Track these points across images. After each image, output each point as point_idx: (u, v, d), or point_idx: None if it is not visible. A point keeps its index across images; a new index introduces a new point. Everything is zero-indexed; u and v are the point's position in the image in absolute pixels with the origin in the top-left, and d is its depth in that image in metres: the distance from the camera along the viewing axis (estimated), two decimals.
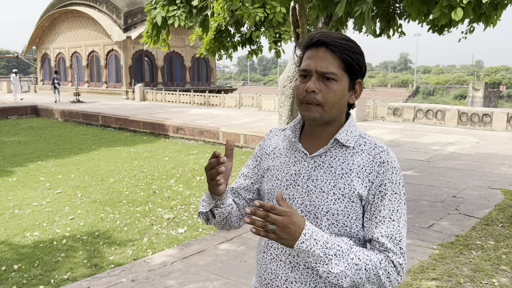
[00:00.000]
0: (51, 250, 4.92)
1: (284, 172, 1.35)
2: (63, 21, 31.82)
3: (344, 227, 1.26)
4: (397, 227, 1.25)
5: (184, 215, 6.09)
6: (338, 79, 1.24)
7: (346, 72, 1.25)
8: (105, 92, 29.03)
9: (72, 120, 18.09)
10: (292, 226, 1.13)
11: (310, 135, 1.35)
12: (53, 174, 8.70)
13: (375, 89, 70.57)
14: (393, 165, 1.27)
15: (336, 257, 1.17)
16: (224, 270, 3.99)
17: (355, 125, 1.34)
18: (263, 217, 1.12)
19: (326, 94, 1.24)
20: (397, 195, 1.26)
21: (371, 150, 1.28)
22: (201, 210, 1.40)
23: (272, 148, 1.43)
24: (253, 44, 7.57)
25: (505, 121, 13.25)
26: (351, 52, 1.24)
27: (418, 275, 3.82)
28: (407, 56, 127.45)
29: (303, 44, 1.31)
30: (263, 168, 1.43)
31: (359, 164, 1.26)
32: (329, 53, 1.24)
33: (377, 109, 16.15)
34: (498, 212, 5.58)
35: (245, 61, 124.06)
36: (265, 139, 1.49)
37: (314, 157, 1.30)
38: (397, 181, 1.26)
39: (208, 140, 12.69)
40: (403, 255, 1.24)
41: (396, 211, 1.26)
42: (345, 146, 1.29)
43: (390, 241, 1.23)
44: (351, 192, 1.25)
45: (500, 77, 71.56)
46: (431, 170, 8.05)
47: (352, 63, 1.24)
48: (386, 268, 1.20)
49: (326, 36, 1.25)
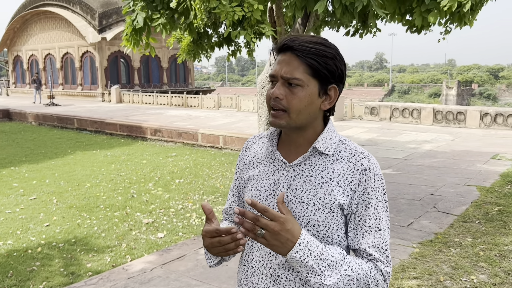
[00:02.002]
0: (26, 259, 4.76)
1: (263, 182, 1.31)
2: (36, 22, 31.11)
3: (325, 238, 1.23)
4: (383, 236, 1.23)
5: (164, 219, 6.00)
6: (303, 84, 1.19)
7: (314, 77, 1.20)
8: (80, 94, 28.49)
9: (46, 124, 17.67)
10: (284, 233, 1.08)
11: (287, 142, 1.31)
12: (27, 179, 8.46)
13: (352, 89, 71.42)
14: (375, 172, 1.24)
15: (330, 268, 1.13)
16: (206, 276, 3.93)
17: (334, 131, 1.30)
18: (252, 219, 1.06)
19: (290, 100, 1.19)
20: (380, 203, 1.24)
21: (352, 157, 1.24)
22: (210, 265, 1.35)
23: (251, 157, 1.39)
24: (231, 45, 7.52)
25: (478, 119, 13.56)
26: (319, 56, 1.18)
27: (399, 274, 3.84)
28: (383, 56, 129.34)
29: (275, 49, 1.27)
30: (244, 179, 1.39)
31: (339, 172, 1.23)
32: (294, 57, 1.19)
33: (355, 109, 16.31)
34: (475, 208, 5.68)
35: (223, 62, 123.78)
36: (243, 149, 1.45)
37: (293, 166, 1.27)
38: (379, 189, 1.24)
39: (187, 142, 12.57)
40: (389, 263, 1.23)
41: (381, 220, 1.24)
42: (325, 154, 1.25)
43: (377, 251, 1.22)
44: (332, 202, 1.21)
45: (472, 76, 73.35)
46: (409, 168, 8.16)
47: (319, 68, 1.18)
48: (375, 277, 1.20)
49: (293, 39, 1.20)
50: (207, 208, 1.21)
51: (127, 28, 6.02)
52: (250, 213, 1.06)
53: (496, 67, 79.73)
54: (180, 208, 6.50)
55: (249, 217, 1.06)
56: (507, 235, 4.73)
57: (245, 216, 1.06)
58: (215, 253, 1.20)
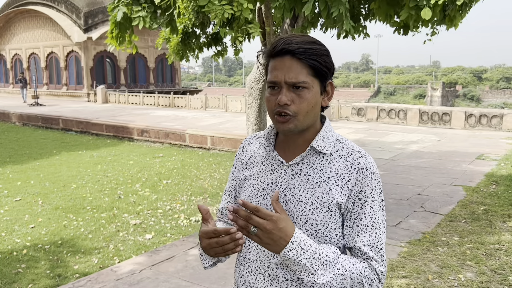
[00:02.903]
0: (11, 261, 4.68)
1: (260, 181, 1.30)
2: (19, 21, 30.64)
3: (323, 237, 1.23)
4: (378, 235, 1.23)
5: (151, 220, 5.95)
6: (309, 86, 1.20)
7: (316, 77, 1.21)
8: (65, 94, 28.14)
9: (30, 124, 17.40)
10: (277, 232, 1.08)
11: (285, 142, 1.31)
12: (11, 180, 8.31)
13: (339, 90, 71.75)
14: (372, 171, 1.24)
15: (323, 267, 1.13)
16: (195, 276, 3.90)
17: (331, 129, 1.30)
18: (244, 218, 1.06)
19: (299, 104, 1.19)
20: (376, 201, 1.24)
21: (349, 156, 1.25)
22: (206, 266, 1.34)
23: (248, 157, 1.38)
24: (219, 45, 7.49)
25: (463, 120, 13.76)
26: (317, 55, 1.19)
27: (388, 273, 3.86)
28: (369, 57, 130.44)
29: (266, 53, 1.25)
30: (241, 178, 1.38)
31: (337, 171, 1.23)
32: (296, 61, 1.18)
33: (342, 109, 16.41)
34: (461, 208, 5.76)
35: (210, 62, 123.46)
36: (240, 148, 1.44)
37: (291, 165, 1.26)
38: (376, 187, 1.24)
39: (174, 142, 12.49)
40: (384, 262, 1.23)
41: (377, 218, 1.24)
42: (322, 153, 1.25)
43: (372, 249, 1.22)
44: (329, 201, 1.21)
45: (456, 77, 74.38)
46: (396, 168, 8.23)
47: (320, 67, 1.20)
48: (369, 276, 1.19)
49: (289, 43, 1.19)
50: (204, 209, 1.20)
51: (111, 25, 5.95)
52: (242, 211, 1.06)
53: (479, 69, 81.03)
54: (168, 209, 6.45)
55: (241, 215, 1.06)
56: (493, 234, 4.80)
57: (238, 214, 1.06)
58: (213, 254, 1.19)
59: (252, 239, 1.09)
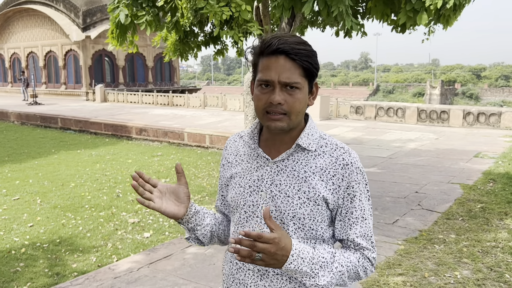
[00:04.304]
0: (9, 260, 4.69)
1: (246, 178, 1.33)
2: (18, 20, 30.59)
3: (310, 231, 1.27)
4: (368, 225, 1.31)
5: (150, 219, 5.96)
6: (301, 87, 1.23)
7: (306, 77, 1.24)
8: (64, 93, 28.12)
9: (29, 123, 17.40)
10: (280, 251, 1.11)
11: (270, 140, 1.33)
12: (9, 179, 8.32)
13: (337, 88, 71.77)
14: (357, 166, 1.28)
15: (322, 269, 1.19)
16: (193, 274, 3.92)
17: (314, 126, 1.34)
18: (249, 246, 1.08)
19: (291, 104, 1.22)
20: (363, 193, 1.31)
21: (333, 152, 1.28)
22: (186, 237, 1.45)
23: (234, 155, 1.41)
24: (218, 44, 7.51)
25: (461, 118, 13.78)
26: (309, 57, 1.23)
27: (385, 271, 3.88)
28: (368, 55, 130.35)
29: (256, 50, 1.26)
30: (226, 177, 1.42)
31: (321, 166, 1.26)
32: (290, 61, 1.20)
33: (340, 108, 16.43)
34: (458, 206, 5.78)
35: (208, 61, 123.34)
36: (225, 147, 1.46)
37: (276, 161, 1.29)
38: (362, 181, 1.30)
39: (172, 141, 12.50)
40: (374, 248, 1.32)
41: (365, 210, 1.31)
42: (307, 150, 1.28)
43: (364, 239, 1.30)
44: (316, 196, 1.25)
45: (455, 75, 74.42)
46: (394, 166, 8.25)
47: (311, 68, 1.23)
48: (363, 264, 1.28)
49: (283, 42, 1.20)
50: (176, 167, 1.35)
51: (112, 25, 5.97)
52: (246, 241, 1.08)
53: (478, 67, 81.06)
54: None
55: (245, 244, 1.08)
56: (490, 232, 4.82)
57: (241, 244, 1.08)
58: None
59: (257, 264, 1.12)
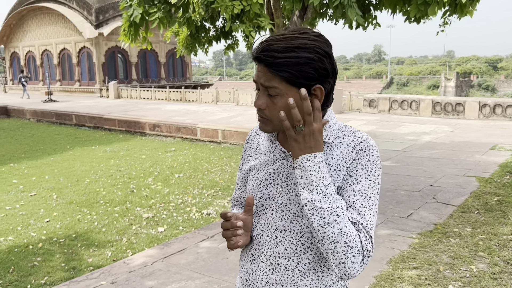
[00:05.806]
0: (27, 255, 4.77)
1: (263, 171, 1.32)
2: (32, 18, 30.97)
3: None
4: (368, 215, 1.17)
5: (164, 214, 6.01)
6: (282, 93, 1.16)
7: (292, 85, 1.15)
8: (78, 90, 28.43)
9: (44, 120, 17.64)
10: (315, 135, 1.13)
11: None
12: (26, 176, 8.46)
13: (350, 81, 71.25)
14: (370, 153, 1.21)
15: (325, 197, 1.12)
16: (206, 268, 3.94)
17: (334, 118, 1.29)
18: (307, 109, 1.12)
19: (272, 110, 1.19)
20: (371, 182, 1.19)
21: (351, 142, 1.24)
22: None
23: (255, 148, 1.41)
24: (229, 38, 7.49)
25: (477, 110, 13.56)
26: (289, 66, 1.13)
27: (399, 264, 3.86)
28: (381, 48, 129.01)
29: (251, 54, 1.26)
30: (245, 169, 1.41)
31: (338, 157, 1.22)
32: (267, 69, 1.16)
33: (353, 101, 16.30)
34: (474, 199, 5.70)
35: (220, 56, 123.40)
36: (247, 140, 1.46)
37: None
38: (372, 169, 1.20)
39: (185, 136, 12.56)
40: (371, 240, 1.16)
41: (368, 198, 1.18)
42: (325, 142, 1.25)
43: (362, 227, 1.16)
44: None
45: (470, 67, 73.21)
46: (408, 160, 8.17)
47: (292, 78, 1.14)
48: (356, 245, 1.12)
49: (264, 49, 1.16)
50: (248, 201, 1.30)
51: (125, 23, 6.00)
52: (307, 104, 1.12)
53: (494, 58, 79.72)
54: (180, 202, 6.51)
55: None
56: (506, 225, 4.75)
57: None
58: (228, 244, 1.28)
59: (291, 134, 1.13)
